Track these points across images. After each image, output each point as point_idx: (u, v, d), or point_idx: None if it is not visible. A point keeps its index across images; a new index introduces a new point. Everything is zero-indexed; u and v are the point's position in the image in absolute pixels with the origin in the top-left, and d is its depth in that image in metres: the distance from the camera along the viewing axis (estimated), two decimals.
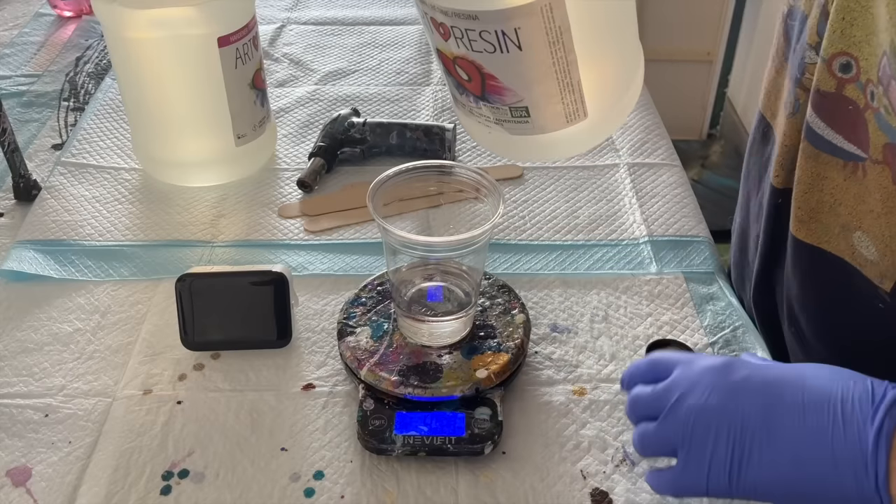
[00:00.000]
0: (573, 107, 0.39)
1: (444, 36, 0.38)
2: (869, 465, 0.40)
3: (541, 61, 0.37)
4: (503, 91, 0.39)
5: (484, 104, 0.40)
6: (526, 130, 0.40)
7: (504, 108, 0.39)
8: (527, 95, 0.39)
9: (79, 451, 0.56)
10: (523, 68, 0.37)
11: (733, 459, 0.43)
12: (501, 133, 0.41)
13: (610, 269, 0.72)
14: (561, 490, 0.54)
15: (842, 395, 0.42)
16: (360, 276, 0.69)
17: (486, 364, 0.58)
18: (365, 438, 0.55)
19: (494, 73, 0.38)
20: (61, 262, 0.72)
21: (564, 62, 0.37)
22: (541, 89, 0.38)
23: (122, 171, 0.84)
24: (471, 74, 0.39)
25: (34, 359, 0.63)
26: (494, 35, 0.36)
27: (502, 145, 0.42)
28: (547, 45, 0.37)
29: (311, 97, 0.97)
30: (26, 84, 1.00)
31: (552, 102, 0.39)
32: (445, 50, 0.39)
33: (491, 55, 0.37)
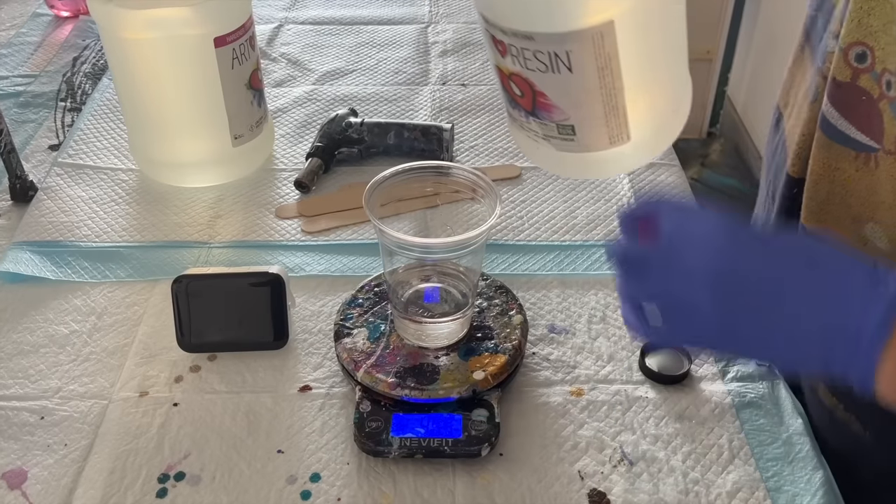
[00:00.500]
0: (617, 130, 0.41)
1: (501, 53, 0.41)
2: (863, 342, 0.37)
3: (589, 84, 0.40)
4: (552, 108, 0.41)
5: (534, 119, 0.43)
6: (571, 148, 0.42)
7: (552, 125, 0.42)
8: (573, 115, 0.41)
9: (75, 453, 0.56)
10: (572, 89, 0.40)
11: (724, 312, 0.40)
12: (549, 148, 0.44)
13: (608, 270, 0.71)
14: (558, 491, 0.54)
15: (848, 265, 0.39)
16: (358, 277, 0.69)
17: (483, 365, 0.58)
18: (362, 440, 0.55)
19: (545, 91, 0.41)
20: (58, 264, 0.72)
21: (611, 87, 0.40)
22: (587, 110, 0.41)
23: (119, 172, 0.84)
24: (523, 90, 0.42)
25: (30, 361, 0.63)
26: (547, 56, 0.39)
27: (549, 160, 0.45)
28: (596, 69, 0.39)
29: (308, 97, 0.97)
30: (23, 84, 1.00)
31: (597, 124, 0.41)
32: (502, 66, 0.42)
33: (543, 74, 0.40)
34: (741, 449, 0.56)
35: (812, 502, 0.53)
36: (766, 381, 0.61)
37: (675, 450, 0.56)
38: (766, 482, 0.54)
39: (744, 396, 0.60)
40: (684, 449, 0.56)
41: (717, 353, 0.53)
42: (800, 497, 0.53)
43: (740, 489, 0.54)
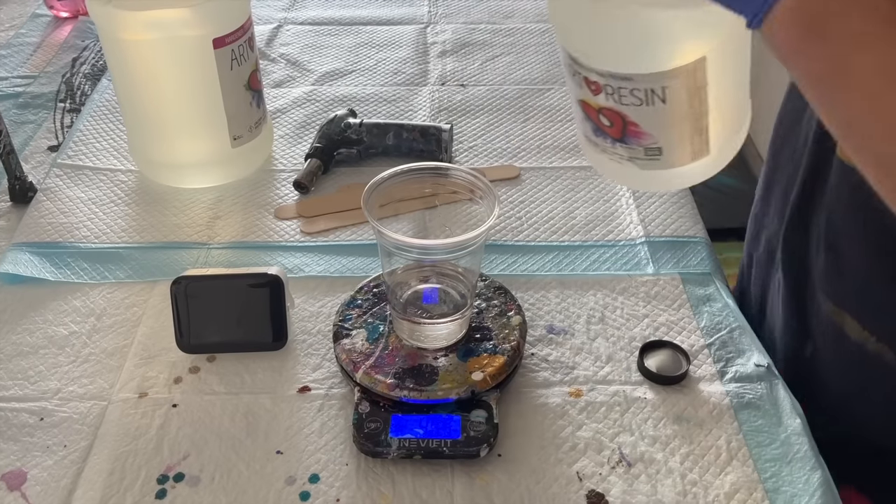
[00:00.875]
0: (700, 147, 0.45)
1: (594, 92, 0.44)
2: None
3: (680, 112, 0.43)
4: (642, 135, 0.45)
5: (620, 145, 0.46)
6: (656, 166, 0.46)
7: (639, 149, 0.46)
8: (662, 139, 0.45)
9: (74, 454, 0.56)
10: (664, 118, 0.44)
11: None
12: (632, 168, 0.47)
13: (607, 270, 0.72)
14: (557, 492, 0.54)
15: None
16: (357, 277, 0.69)
17: (481, 366, 0.58)
18: (360, 441, 0.55)
19: (637, 121, 0.44)
20: (57, 265, 0.72)
21: (699, 112, 0.43)
22: (675, 134, 0.44)
23: (119, 173, 0.84)
24: (613, 122, 0.45)
25: (29, 362, 0.63)
26: (643, 92, 0.42)
27: (630, 177, 0.48)
28: (687, 99, 0.43)
29: (307, 98, 0.97)
30: (22, 85, 1.00)
31: (683, 144, 0.45)
32: (591, 101, 0.45)
33: (637, 108, 0.43)
34: (739, 450, 0.56)
35: (810, 502, 0.53)
36: (765, 381, 0.61)
37: (673, 451, 0.56)
38: (765, 483, 0.54)
39: (742, 397, 0.60)
40: (682, 450, 0.56)
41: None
42: (798, 497, 0.53)
43: (738, 490, 0.54)
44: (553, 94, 0.97)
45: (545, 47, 1.07)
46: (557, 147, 0.88)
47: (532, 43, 1.08)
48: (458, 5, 1.18)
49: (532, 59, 1.05)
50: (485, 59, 1.05)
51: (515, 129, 0.91)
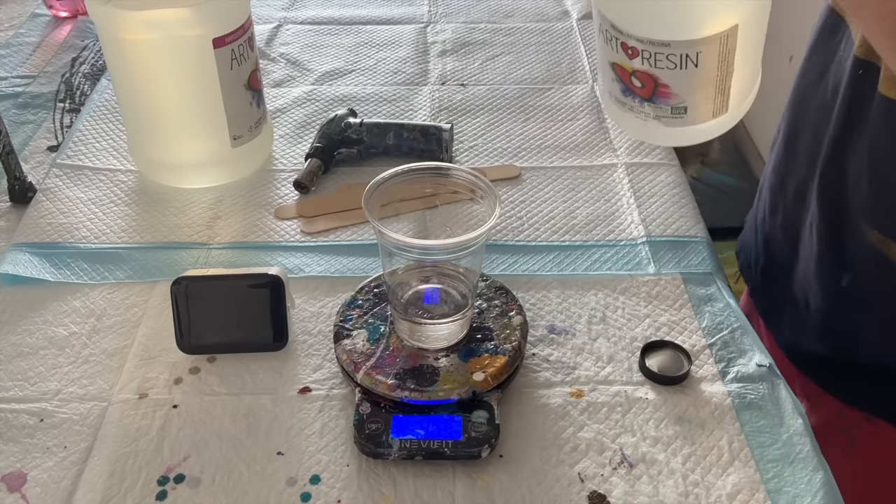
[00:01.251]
0: (720, 105, 0.49)
1: (630, 56, 0.47)
2: None
3: (709, 75, 0.47)
4: (671, 96, 0.48)
5: (648, 104, 0.50)
6: (679, 123, 0.50)
7: (667, 108, 0.49)
8: (689, 98, 0.48)
9: (74, 455, 0.56)
10: (694, 80, 0.47)
11: None
12: (656, 125, 0.51)
13: (608, 270, 0.71)
14: (558, 493, 0.54)
15: None
16: (357, 277, 0.69)
17: (483, 367, 0.58)
18: (361, 442, 0.55)
19: (668, 83, 0.48)
20: (57, 265, 0.71)
21: (725, 74, 0.47)
22: (702, 94, 0.48)
23: (118, 173, 0.83)
24: (645, 83, 0.48)
25: (29, 363, 0.63)
26: (679, 57, 0.46)
27: (652, 134, 0.52)
28: (717, 63, 0.46)
29: (307, 97, 0.96)
30: (22, 85, 1.00)
31: (707, 103, 0.48)
32: (625, 64, 0.48)
33: (671, 71, 0.47)
34: (741, 450, 0.56)
35: (812, 503, 0.53)
36: (767, 381, 0.61)
37: (675, 452, 0.56)
38: (767, 484, 0.54)
39: (744, 398, 0.59)
40: (684, 451, 0.56)
41: None
42: (800, 498, 0.53)
43: (740, 491, 0.54)
44: (553, 94, 0.97)
45: (545, 46, 1.07)
46: (558, 147, 0.88)
47: (532, 42, 1.08)
48: (458, 5, 1.18)
49: (532, 58, 1.05)
50: (485, 59, 1.05)
51: (516, 129, 0.91)
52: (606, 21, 0.47)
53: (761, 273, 0.78)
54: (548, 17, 1.15)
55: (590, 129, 0.91)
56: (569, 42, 1.08)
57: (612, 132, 0.90)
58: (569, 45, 1.08)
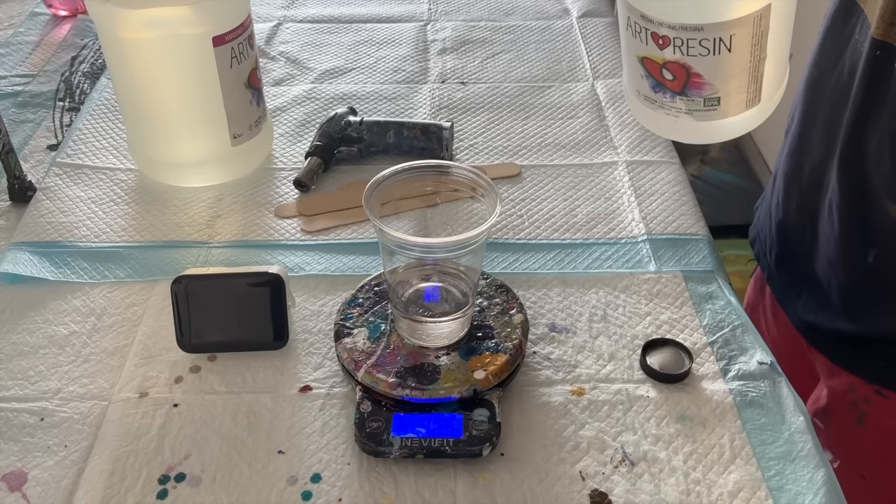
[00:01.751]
0: (753, 95, 0.48)
1: (661, 46, 0.46)
2: None
3: (742, 59, 0.46)
4: (704, 86, 0.47)
5: (680, 98, 0.48)
6: (712, 117, 0.48)
7: (699, 100, 0.48)
8: (722, 88, 0.47)
9: (74, 454, 0.56)
10: (727, 66, 0.46)
11: None
12: (688, 120, 0.49)
13: (608, 268, 0.71)
14: (560, 491, 0.54)
15: None
16: (358, 276, 0.69)
17: (483, 365, 0.58)
18: (362, 441, 0.55)
19: (701, 71, 0.46)
20: (57, 264, 0.71)
21: (758, 59, 0.46)
22: (735, 82, 0.47)
23: (118, 172, 0.83)
24: (677, 75, 0.47)
25: (29, 362, 0.63)
26: (712, 41, 0.45)
27: (684, 130, 0.51)
28: (750, 46, 0.45)
29: (307, 96, 0.96)
30: (21, 84, 0.99)
31: (740, 92, 0.47)
32: (655, 56, 0.47)
33: (704, 58, 0.46)
34: (743, 448, 0.56)
35: (814, 501, 0.53)
36: (768, 379, 0.61)
37: (676, 450, 0.56)
38: (768, 481, 0.54)
39: (745, 395, 0.59)
40: (686, 449, 0.56)
41: None
42: (802, 495, 0.53)
43: (742, 489, 0.54)
44: (554, 92, 0.97)
45: (545, 44, 1.07)
46: (558, 144, 0.88)
47: (532, 40, 1.08)
48: (458, 2, 1.18)
49: (532, 56, 1.04)
50: (485, 57, 1.04)
51: (516, 127, 0.91)
52: (635, 12, 0.47)
53: (776, 259, 0.79)
54: (548, 15, 1.14)
55: (590, 126, 0.91)
56: (569, 40, 1.08)
57: (612, 130, 0.90)
58: (569, 43, 1.07)
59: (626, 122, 0.91)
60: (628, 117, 0.92)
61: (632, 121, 0.91)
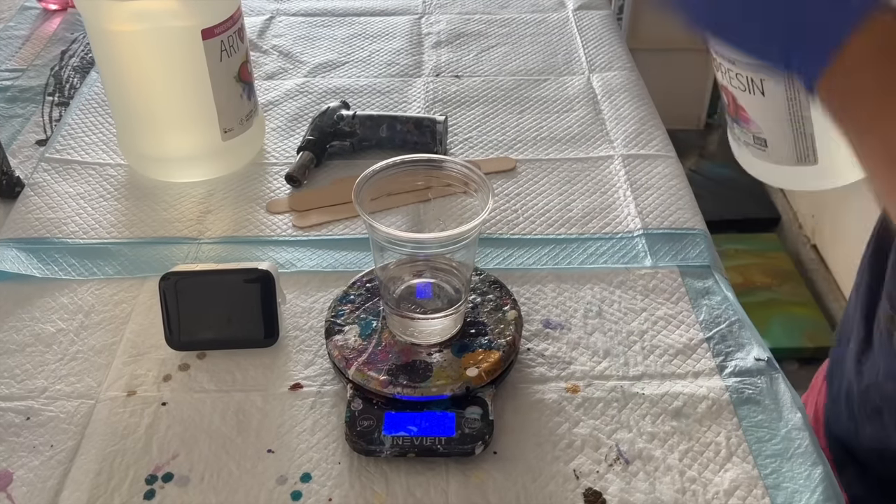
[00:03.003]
0: (804, 152, 0.47)
1: (716, 67, 0.48)
2: (820, 39, 0.37)
3: (779, 109, 0.45)
4: (749, 121, 0.48)
5: (735, 126, 0.50)
6: (762, 157, 0.49)
7: (749, 134, 0.48)
8: (766, 130, 0.47)
9: (61, 454, 0.55)
10: (764, 110, 0.46)
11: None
12: (747, 153, 0.50)
13: (604, 264, 0.70)
14: (553, 490, 0.53)
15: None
16: (350, 272, 0.68)
17: (476, 362, 0.57)
18: (353, 440, 0.54)
19: (744, 105, 0.47)
20: (44, 261, 0.70)
21: (799, 115, 0.45)
22: (778, 130, 0.46)
23: (108, 167, 0.82)
24: (728, 100, 0.49)
25: (16, 360, 0.62)
26: (745, 79, 0.45)
27: (747, 161, 0.51)
28: (786, 99, 0.45)
29: (300, 90, 0.95)
30: (10, 79, 0.98)
31: (786, 143, 0.47)
32: (717, 76, 0.49)
33: (742, 92, 0.46)
34: (739, 446, 0.55)
35: (812, 499, 0.52)
36: (765, 376, 0.60)
37: (671, 448, 0.55)
38: (765, 479, 0.53)
39: (742, 392, 0.59)
40: (681, 447, 0.55)
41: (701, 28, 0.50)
42: (799, 493, 0.52)
43: (738, 487, 0.53)
44: (549, 85, 0.96)
45: (541, 38, 1.06)
46: (554, 139, 0.87)
47: (528, 33, 1.07)
48: None
49: (528, 49, 1.03)
50: (480, 50, 1.03)
51: (511, 121, 0.90)
52: None
53: None
54: (543, 8, 1.13)
55: (586, 120, 0.90)
56: (564, 33, 1.07)
57: (608, 124, 0.89)
58: (564, 36, 1.06)
59: (621, 116, 0.90)
60: (624, 111, 0.91)
61: (628, 114, 0.90)
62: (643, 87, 0.96)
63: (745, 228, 1.93)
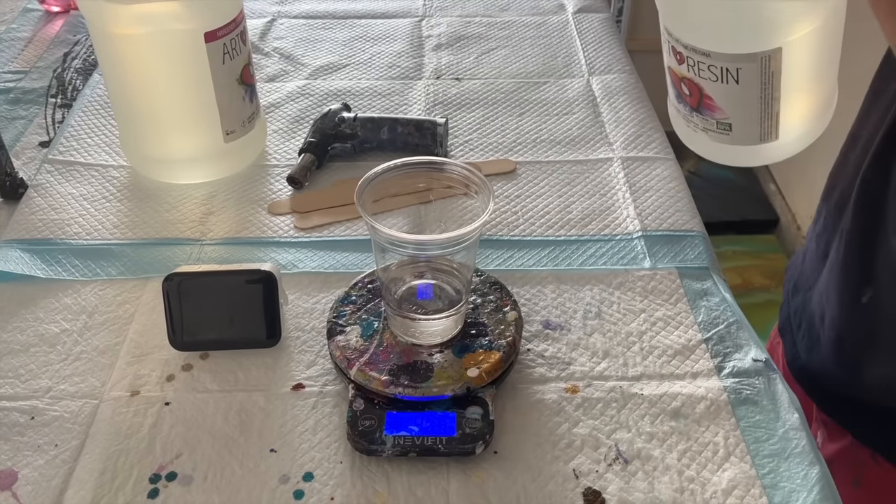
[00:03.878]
0: (768, 130, 0.48)
1: (679, 61, 0.48)
2: None
3: (751, 95, 0.46)
4: (715, 109, 0.48)
5: (696, 115, 0.50)
6: (724, 140, 0.49)
7: (712, 121, 0.49)
8: (733, 116, 0.48)
9: (65, 454, 0.55)
10: (736, 97, 0.47)
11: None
12: (704, 137, 0.50)
13: (603, 265, 0.71)
14: (553, 490, 0.53)
15: None
16: (351, 273, 0.68)
17: (477, 363, 0.57)
18: (355, 439, 0.54)
19: (712, 95, 0.47)
20: (48, 262, 0.71)
21: (770, 98, 0.46)
22: (745, 114, 0.47)
23: (110, 169, 0.83)
24: (692, 91, 0.49)
25: (20, 360, 0.62)
26: (720, 69, 0.45)
27: (701, 146, 0.52)
28: (759, 84, 0.45)
29: (301, 92, 0.96)
30: (13, 81, 0.99)
31: (751, 124, 0.48)
32: (676, 69, 0.49)
33: (713, 83, 0.46)
34: (737, 446, 0.56)
35: (808, 498, 0.53)
36: (763, 376, 0.60)
37: (670, 448, 0.56)
38: (762, 479, 0.54)
39: (739, 393, 0.59)
40: (680, 447, 0.56)
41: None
42: (796, 493, 0.53)
43: (736, 486, 0.53)
44: (549, 88, 0.96)
45: (541, 40, 1.07)
46: (553, 141, 0.87)
47: (528, 36, 1.08)
48: None
49: (528, 52, 1.04)
50: (480, 53, 1.04)
51: (511, 123, 0.90)
52: (662, 22, 0.47)
53: (793, 286, 0.76)
54: (543, 11, 1.14)
55: (585, 123, 0.90)
56: (564, 36, 1.08)
57: (607, 126, 0.90)
58: (564, 39, 1.07)
59: (621, 119, 0.91)
60: (623, 113, 0.92)
61: (627, 117, 0.91)
62: (642, 90, 0.97)
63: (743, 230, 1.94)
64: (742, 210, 1.98)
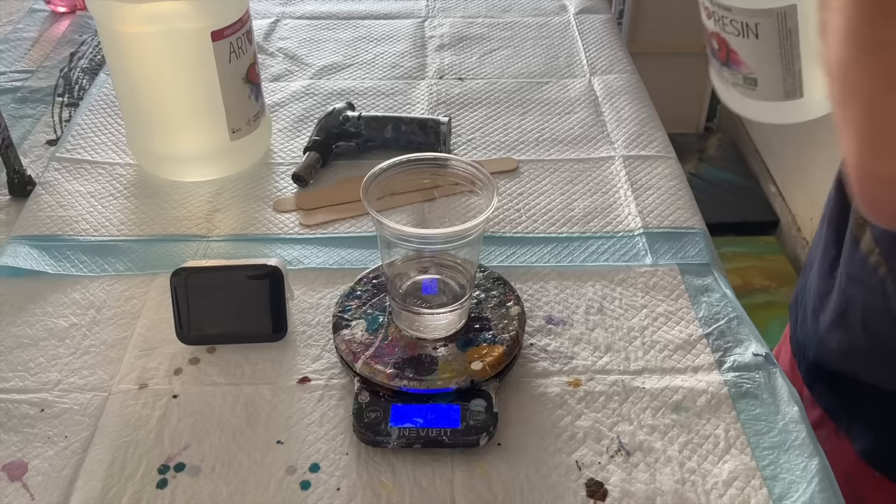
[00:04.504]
0: (792, 87, 0.50)
1: (707, 15, 0.51)
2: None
3: (772, 50, 0.48)
4: (741, 63, 0.51)
5: (726, 69, 0.52)
6: (752, 96, 0.52)
7: (739, 76, 0.51)
8: (757, 71, 0.50)
9: (75, 445, 0.56)
10: (757, 52, 0.49)
11: None
12: (734, 92, 0.53)
13: (605, 262, 0.72)
14: (556, 481, 0.54)
15: None
16: (356, 269, 0.69)
17: (481, 356, 0.58)
18: (360, 431, 0.55)
19: (736, 50, 0.50)
20: (56, 258, 0.72)
21: (790, 54, 0.48)
22: (768, 69, 0.50)
23: (117, 167, 0.84)
24: (720, 46, 0.51)
25: (30, 354, 0.63)
26: (741, 24, 0.48)
27: (733, 100, 0.54)
28: (778, 39, 0.48)
29: (306, 91, 0.97)
30: (20, 80, 1.00)
31: (775, 80, 0.50)
32: (707, 25, 0.52)
33: (736, 37, 0.49)
34: (737, 438, 0.56)
35: (808, 489, 0.53)
36: (763, 370, 0.61)
37: (671, 440, 0.57)
38: (763, 471, 0.54)
39: (740, 387, 0.60)
40: (681, 439, 0.57)
41: None
42: (796, 484, 0.54)
43: (736, 478, 0.54)
44: (551, 87, 0.97)
45: (543, 41, 1.08)
46: (555, 140, 0.88)
47: (530, 36, 1.09)
48: None
49: (530, 52, 1.05)
50: (483, 53, 1.05)
51: (513, 122, 0.91)
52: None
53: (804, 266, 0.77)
54: (545, 12, 1.15)
55: (587, 122, 0.91)
56: (566, 36, 1.09)
57: (609, 125, 0.90)
58: (566, 39, 1.08)
59: (622, 118, 0.92)
60: (625, 112, 0.93)
61: (629, 116, 0.92)
62: (643, 90, 0.98)
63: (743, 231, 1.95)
64: (742, 211, 1.99)
